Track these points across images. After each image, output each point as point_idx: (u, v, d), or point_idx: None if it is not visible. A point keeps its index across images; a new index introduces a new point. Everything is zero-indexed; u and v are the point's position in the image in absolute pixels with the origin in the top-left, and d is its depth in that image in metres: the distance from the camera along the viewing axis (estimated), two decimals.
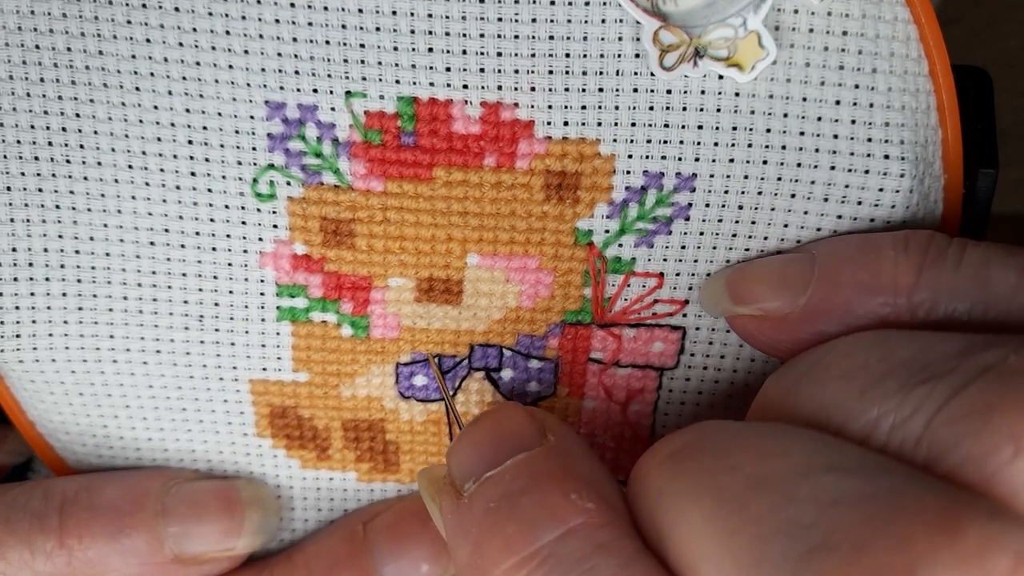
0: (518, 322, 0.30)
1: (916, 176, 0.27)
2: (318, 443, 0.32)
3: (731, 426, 0.22)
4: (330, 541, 0.33)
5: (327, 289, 0.29)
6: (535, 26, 0.26)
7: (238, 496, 0.32)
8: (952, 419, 0.19)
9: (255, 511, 0.32)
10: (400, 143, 0.27)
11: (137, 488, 0.31)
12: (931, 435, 0.20)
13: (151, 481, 0.31)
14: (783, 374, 0.24)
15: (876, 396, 0.21)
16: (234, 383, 0.31)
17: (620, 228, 0.28)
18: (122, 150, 0.28)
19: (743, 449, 0.21)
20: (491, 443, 0.25)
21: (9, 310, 0.29)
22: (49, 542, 0.29)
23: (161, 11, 0.26)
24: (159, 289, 0.29)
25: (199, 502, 0.31)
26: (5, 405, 0.32)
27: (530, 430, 0.25)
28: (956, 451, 0.19)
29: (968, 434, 0.19)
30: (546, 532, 0.23)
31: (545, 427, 0.25)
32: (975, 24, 0.43)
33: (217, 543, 0.31)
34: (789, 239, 0.28)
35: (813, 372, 0.23)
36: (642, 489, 0.23)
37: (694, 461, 0.21)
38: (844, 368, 0.22)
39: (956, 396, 0.20)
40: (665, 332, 0.30)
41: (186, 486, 0.31)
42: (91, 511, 0.30)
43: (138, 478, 0.31)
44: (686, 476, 0.21)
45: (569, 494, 0.23)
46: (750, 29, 0.25)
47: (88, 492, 0.30)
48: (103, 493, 0.30)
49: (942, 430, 0.20)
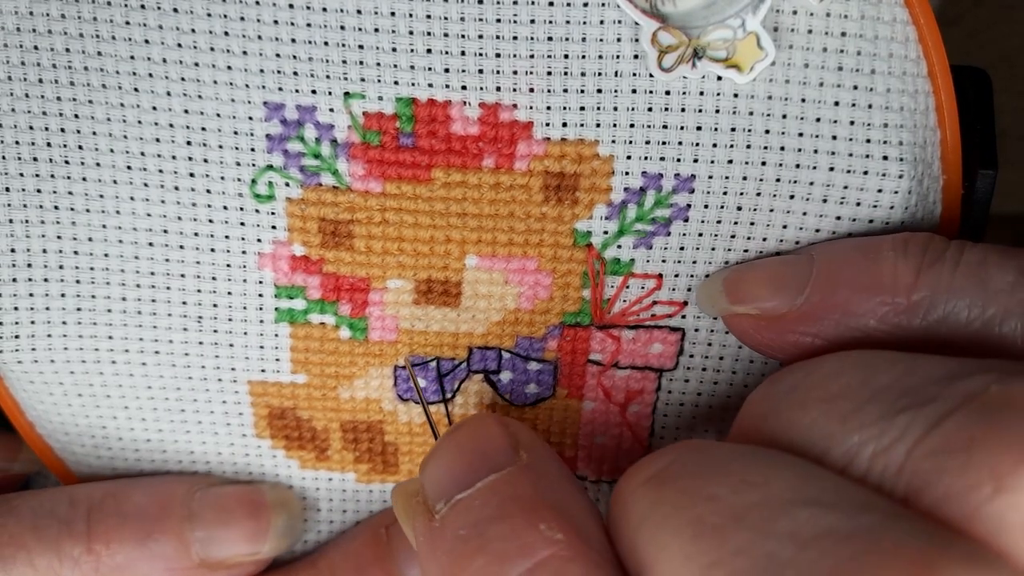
0: (517, 324, 0.30)
1: (915, 177, 0.27)
2: (317, 444, 0.32)
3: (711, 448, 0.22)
4: (354, 545, 0.33)
5: (326, 290, 0.29)
6: (534, 27, 0.26)
7: (263, 500, 0.32)
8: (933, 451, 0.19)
9: (280, 515, 0.32)
10: (399, 144, 0.27)
11: (164, 493, 0.31)
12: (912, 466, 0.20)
13: (177, 486, 0.31)
14: (766, 393, 0.24)
15: (857, 423, 0.21)
16: (232, 384, 0.31)
17: (619, 229, 0.28)
18: (121, 151, 0.28)
19: (724, 476, 0.21)
20: (462, 461, 0.25)
21: (8, 311, 0.29)
22: (77, 548, 0.29)
23: (160, 12, 0.26)
24: (158, 290, 0.29)
25: (225, 506, 0.31)
26: (4, 406, 0.32)
27: (503, 446, 0.25)
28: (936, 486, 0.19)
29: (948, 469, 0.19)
30: (514, 566, 0.22)
31: (519, 443, 0.25)
32: (975, 24, 0.43)
33: (243, 547, 0.31)
34: (788, 240, 0.28)
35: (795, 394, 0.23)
36: (622, 514, 0.23)
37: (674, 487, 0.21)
38: (827, 391, 0.22)
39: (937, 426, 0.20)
40: (664, 333, 0.30)
41: (212, 491, 0.31)
42: (119, 517, 0.30)
43: (164, 483, 0.32)
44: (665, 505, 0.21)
45: (538, 524, 0.23)
46: (749, 30, 0.25)
47: (115, 498, 0.31)
48: (130, 498, 0.31)
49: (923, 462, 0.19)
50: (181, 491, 0.31)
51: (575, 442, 0.32)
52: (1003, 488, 0.18)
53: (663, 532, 0.21)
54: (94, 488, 0.31)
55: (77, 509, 0.30)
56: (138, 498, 0.31)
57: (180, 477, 0.32)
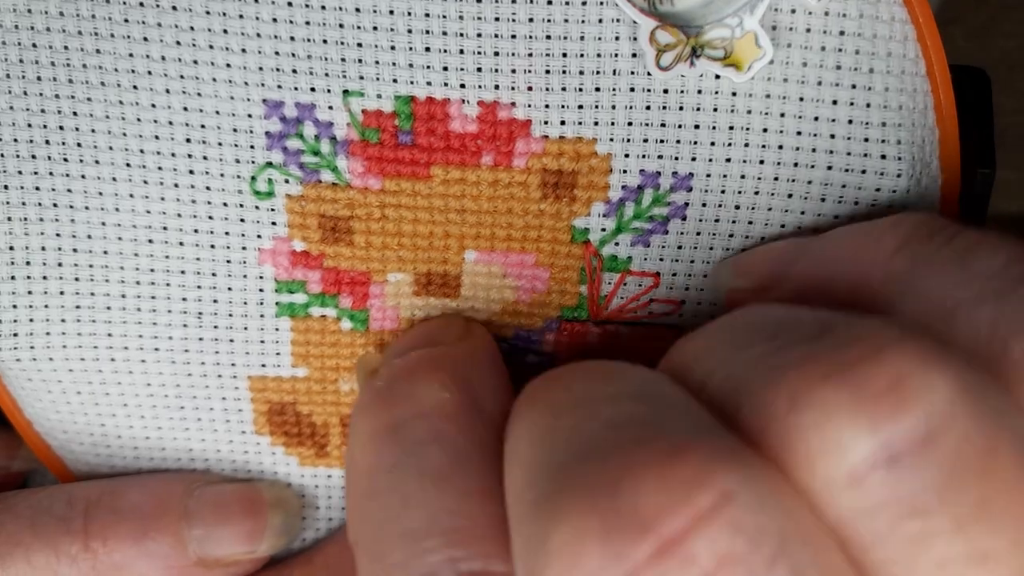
0: (516, 315, 0.30)
1: (913, 176, 0.27)
2: (316, 440, 0.32)
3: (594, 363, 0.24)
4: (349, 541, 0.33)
5: (326, 284, 0.29)
6: (532, 26, 0.26)
7: (261, 498, 0.32)
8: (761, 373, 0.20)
9: (278, 513, 0.32)
10: (398, 142, 0.27)
11: (161, 491, 0.31)
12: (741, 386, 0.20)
13: (174, 484, 0.31)
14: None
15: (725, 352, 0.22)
16: (233, 380, 0.31)
17: (616, 227, 0.28)
18: (120, 148, 0.28)
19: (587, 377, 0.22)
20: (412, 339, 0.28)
21: (7, 308, 0.29)
22: (74, 546, 0.29)
23: (159, 10, 0.26)
24: (157, 287, 0.30)
25: (222, 505, 0.31)
26: (3, 404, 0.32)
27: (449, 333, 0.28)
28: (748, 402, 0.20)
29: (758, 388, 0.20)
30: (402, 412, 0.25)
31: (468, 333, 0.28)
32: (975, 24, 0.43)
33: (240, 546, 0.31)
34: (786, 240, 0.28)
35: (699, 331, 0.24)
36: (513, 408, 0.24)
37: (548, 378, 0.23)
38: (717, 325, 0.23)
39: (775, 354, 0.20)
40: (661, 332, 0.30)
41: (209, 489, 0.31)
42: (115, 514, 0.30)
43: (161, 481, 0.32)
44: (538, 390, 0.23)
45: (434, 383, 0.25)
46: (747, 29, 0.25)
47: (112, 496, 0.31)
48: (127, 496, 0.31)
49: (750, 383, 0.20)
50: (178, 489, 0.31)
51: None
52: (795, 407, 0.19)
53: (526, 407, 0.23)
54: (91, 486, 0.31)
55: (75, 507, 0.30)
56: (135, 496, 0.31)
57: (178, 475, 0.32)
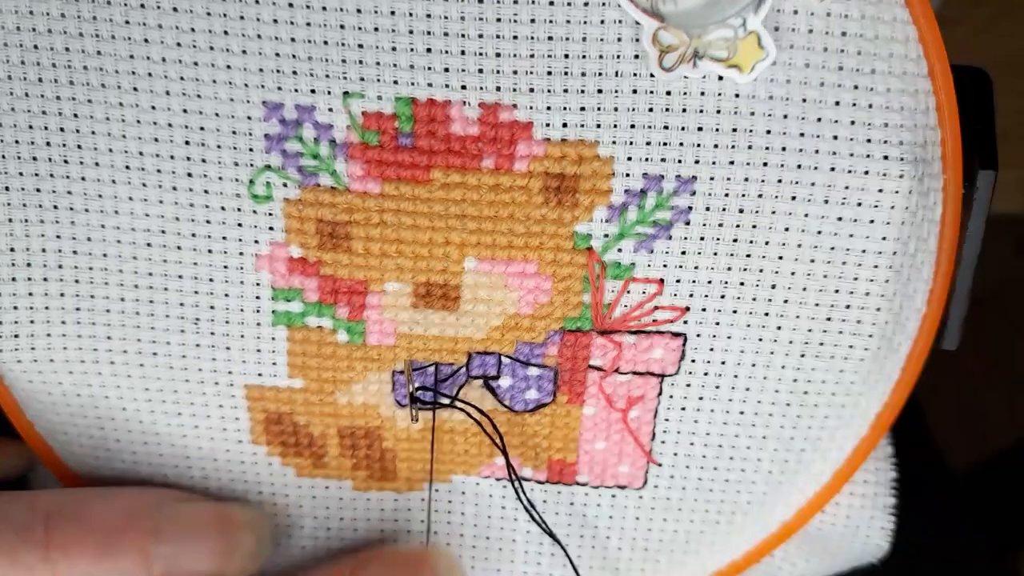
0: (517, 329, 0.30)
1: (915, 176, 0.27)
2: (314, 450, 0.32)
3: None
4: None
5: (323, 293, 0.29)
6: (534, 27, 0.26)
7: (232, 519, 0.31)
8: None
9: (248, 535, 0.31)
10: (398, 144, 0.27)
11: (128, 505, 0.30)
12: None
13: (143, 498, 0.30)
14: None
15: None
16: (229, 388, 0.31)
17: (619, 232, 0.28)
18: (120, 150, 0.28)
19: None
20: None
21: (8, 310, 0.29)
22: (32, 555, 0.28)
23: (159, 11, 0.26)
24: (156, 291, 0.29)
25: (192, 523, 0.30)
26: (4, 405, 0.31)
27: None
28: None
29: None
30: None
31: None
32: (975, 24, 0.44)
33: (207, 565, 0.30)
34: (790, 243, 0.28)
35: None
36: None
37: None
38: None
39: None
40: (666, 339, 0.30)
41: (180, 506, 0.31)
42: (79, 525, 0.29)
43: (130, 495, 0.31)
44: None
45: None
46: (750, 30, 0.25)
47: (76, 506, 0.29)
48: (92, 508, 0.29)
49: None
50: (148, 504, 0.30)
51: (576, 448, 0.32)
52: None
53: None
54: (54, 495, 0.30)
55: (35, 514, 0.29)
56: (101, 508, 0.29)
57: (148, 489, 0.31)
